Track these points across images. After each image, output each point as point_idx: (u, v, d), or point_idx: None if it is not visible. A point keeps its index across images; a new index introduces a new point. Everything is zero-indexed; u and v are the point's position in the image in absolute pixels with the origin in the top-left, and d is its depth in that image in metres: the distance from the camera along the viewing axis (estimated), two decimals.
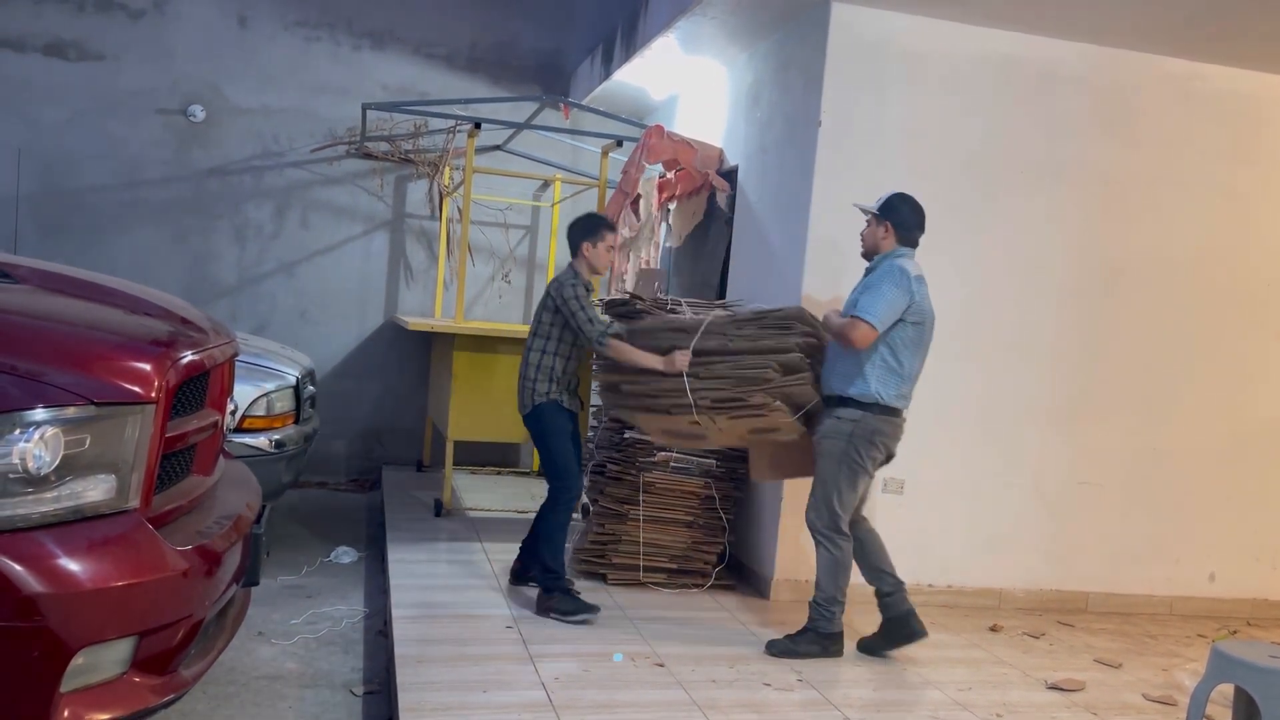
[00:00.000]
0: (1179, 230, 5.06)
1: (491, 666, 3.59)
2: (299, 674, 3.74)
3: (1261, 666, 2.79)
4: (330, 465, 7.21)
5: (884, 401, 3.89)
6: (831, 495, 3.93)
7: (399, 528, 5.48)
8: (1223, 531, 5.24)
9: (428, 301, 7.42)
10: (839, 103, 4.70)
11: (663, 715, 3.31)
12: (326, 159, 7.19)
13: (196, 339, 2.82)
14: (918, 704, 3.64)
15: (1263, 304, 5.22)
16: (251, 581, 2.94)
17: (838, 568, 3.97)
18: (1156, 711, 3.79)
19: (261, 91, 7.04)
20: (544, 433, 4.33)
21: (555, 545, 4.25)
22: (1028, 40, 4.86)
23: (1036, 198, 4.89)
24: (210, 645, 2.71)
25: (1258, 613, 5.30)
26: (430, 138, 7.28)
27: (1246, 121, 5.14)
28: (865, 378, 3.90)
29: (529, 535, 4.47)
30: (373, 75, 7.21)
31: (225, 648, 2.82)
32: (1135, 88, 5.01)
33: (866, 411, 3.90)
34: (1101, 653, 4.41)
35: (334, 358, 7.27)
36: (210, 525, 2.68)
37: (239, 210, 7.08)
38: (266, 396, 4.84)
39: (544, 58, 7.53)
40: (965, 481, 4.93)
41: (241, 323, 6.96)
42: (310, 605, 4.48)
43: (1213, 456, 5.20)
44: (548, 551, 4.23)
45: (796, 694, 3.59)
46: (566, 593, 4.21)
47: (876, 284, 3.91)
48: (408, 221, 7.41)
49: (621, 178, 5.90)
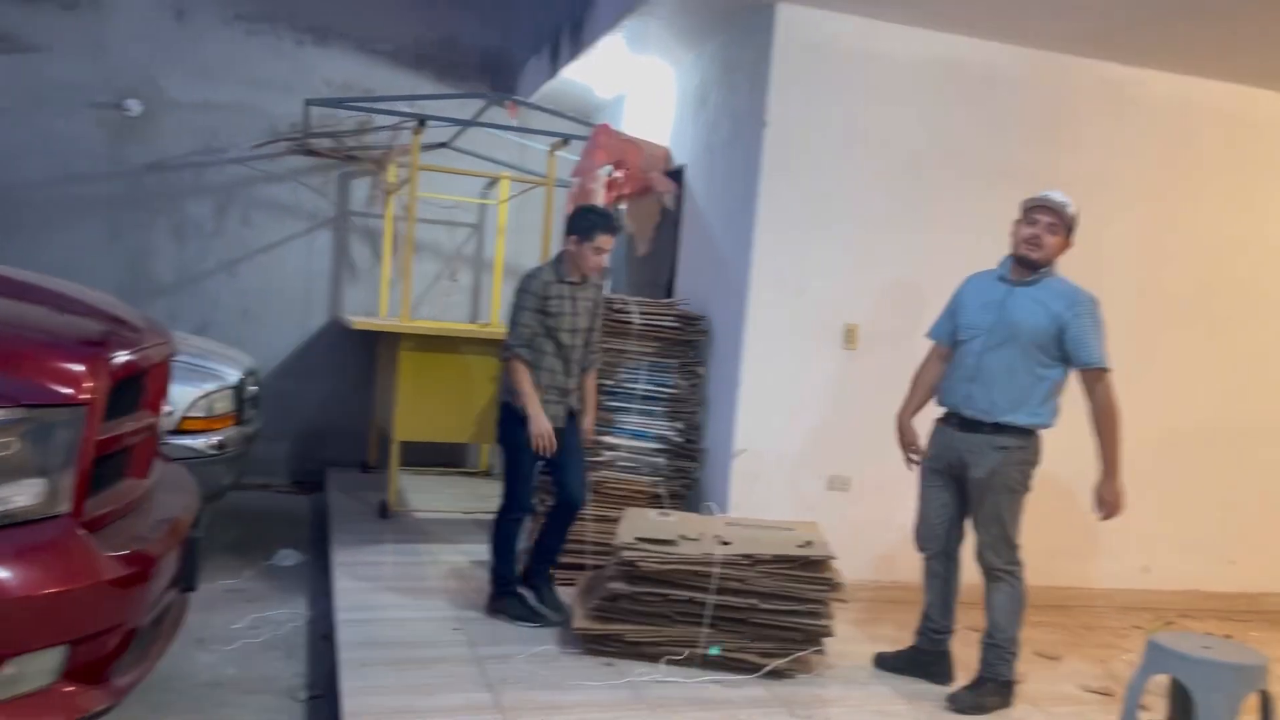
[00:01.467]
0: (1115, 232, 5.17)
1: (438, 669, 3.56)
2: (239, 680, 3.67)
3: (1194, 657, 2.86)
4: (273, 467, 7.08)
5: (1048, 425, 3.70)
6: (1010, 529, 3.68)
7: (343, 530, 5.40)
8: (1157, 525, 5.37)
9: (373, 300, 7.33)
10: (785, 104, 4.73)
11: (612, 715, 3.30)
12: (268, 155, 7.06)
13: (131, 339, 2.75)
14: (862, 696, 3.68)
15: (1194, 305, 5.36)
16: (189, 587, 2.88)
17: (1021, 605, 3.70)
18: (1095, 703, 3.87)
19: (201, 86, 6.90)
20: (500, 438, 4.22)
21: (502, 554, 4.18)
22: (970, 44, 4.93)
23: (978, 199, 4.96)
24: (146, 653, 2.65)
25: (1191, 604, 5.44)
26: (375, 134, 7.19)
27: (1179, 127, 5.27)
28: (1040, 404, 3.64)
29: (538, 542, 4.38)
30: (316, 71, 7.10)
31: (162, 655, 2.76)
32: (1074, 92, 5.11)
33: (1034, 437, 3.69)
34: (1041, 645, 4.49)
35: (277, 357, 7.14)
36: (146, 530, 2.62)
37: (178, 207, 6.93)
38: (207, 397, 4.74)
39: (490, 55, 7.47)
40: (909, 479, 4.98)
41: (181, 322, 6.81)
42: (251, 610, 4.40)
43: (1147, 453, 5.30)
44: (496, 558, 4.18)
45: (744, 691, 3.61)
46: (517, 597, 4.16)
47: (1091, 324, 3.60)
48: (352, 219, 7.31)
49: (576, 187, 5.88)
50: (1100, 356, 3.59)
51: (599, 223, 4.07)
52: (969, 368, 3.73)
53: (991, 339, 3.68)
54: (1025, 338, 3.62)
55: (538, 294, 4.04)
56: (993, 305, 3.72)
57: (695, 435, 5.06)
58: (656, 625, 3.79)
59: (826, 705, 3.59)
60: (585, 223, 4.07)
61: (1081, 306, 3.60)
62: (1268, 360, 5.49)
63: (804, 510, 4.80)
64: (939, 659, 3.92)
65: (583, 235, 4.05)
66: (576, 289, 4.11)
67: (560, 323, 4.07)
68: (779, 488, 4.83)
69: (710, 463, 5.02)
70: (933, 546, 3.90)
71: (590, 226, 4.05)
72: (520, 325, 4.03)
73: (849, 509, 4.88)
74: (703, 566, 3.76)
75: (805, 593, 3.79)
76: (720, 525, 4.13)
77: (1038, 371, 3.62)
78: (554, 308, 4.05)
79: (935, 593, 3.91)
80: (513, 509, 4.17)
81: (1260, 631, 5.16)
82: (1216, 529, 5.48)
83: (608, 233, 4.06)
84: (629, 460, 4.85)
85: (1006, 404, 3.63)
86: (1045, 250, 3.64)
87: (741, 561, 3.79)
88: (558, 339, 4.08)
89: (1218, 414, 5.42)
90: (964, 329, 3.82)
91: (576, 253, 4.07)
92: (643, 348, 4.93)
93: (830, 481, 4.90)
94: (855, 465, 4.92)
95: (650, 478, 4.85)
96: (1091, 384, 3.60)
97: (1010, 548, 3.69)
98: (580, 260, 4.08)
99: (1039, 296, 3.64)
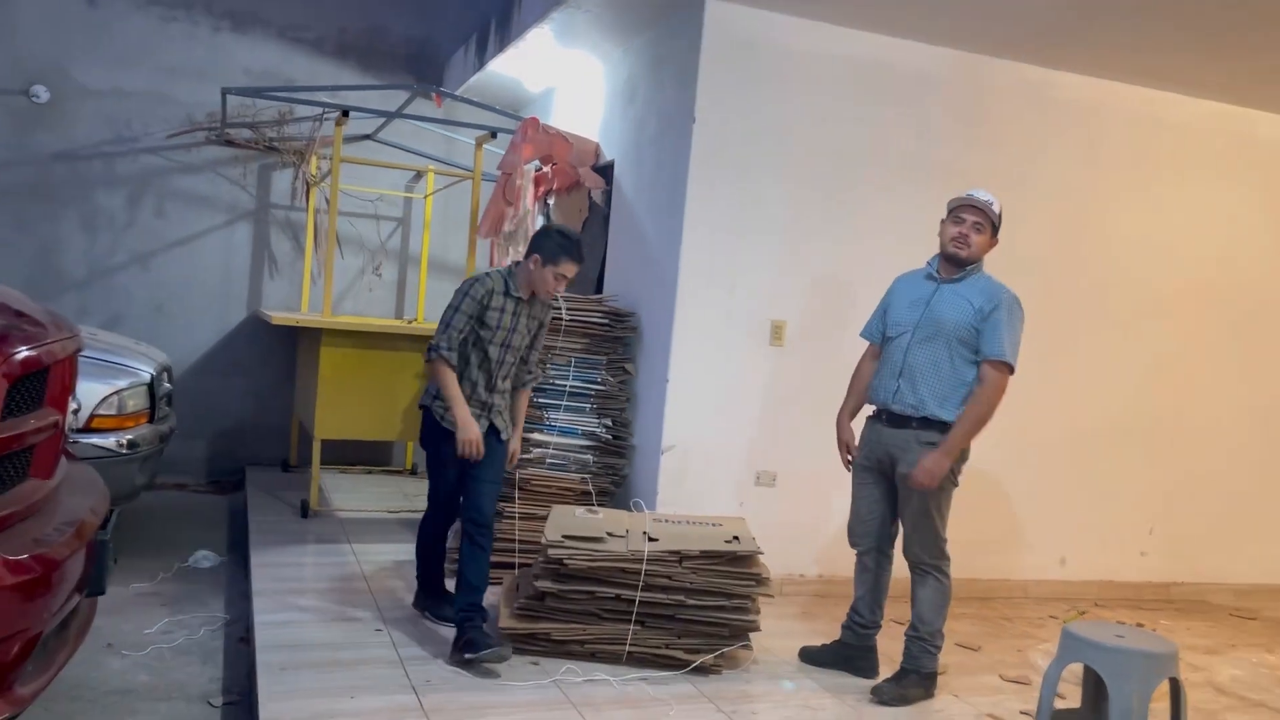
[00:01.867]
0: (1032, 230, 5.28)
1: (360, 671, 3.48)
2: (151, 686, 3.55)
3: (1108, 646, 2.93)
4: (190, 466, 6.88)
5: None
6: (937, 523, 3.71)
7: (263, 530, 5.27)
8: (1072, 518, 5.52)
9: (294, 295, 7.17)
10: (714, 100, 4.74)
11: (539, 715, 3.27)
12: (184, 145, 6.85)
13: (33, 333, 2.63)
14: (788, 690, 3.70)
15: (1106, 302, 5.51)
16: (97, 590, 2.77)
17: (945, 599, 3.76)
18: (1013, 691, 3.96)
19: (113, 73, 6.66)
20: (423, 443, 4.02)
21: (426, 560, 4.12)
22: (895, 44, 5.00)
23: (905, 197, 5.03)
24: (51, 659, 2.54)
25: (1104, 594, 5.60)
26: (296, 125, 7.02)
27: (1093, 128, 5.41)
28: (964, 402, 3.65)
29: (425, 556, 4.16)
30: (234, 59, 6.91)
31: (68, 661, 2.66)
32: (995, 93, 5.22)
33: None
34: (962, 636, 4.57)
35: (194, 354, 6.94)
36: (49, 532, 2.51)
37: (88, 198, 6.68)
38: (118, 394, 4.58)
39: (416, 46, 7.36)
40: (835, 474, 5.03)
41: (92, 317, 6.58)
42: (165, 613, 4.26)
43: (1063, 447, 5.47)
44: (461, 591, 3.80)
45: (670, 688, 3.60)
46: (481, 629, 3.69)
47: (1006, 319, 3.62)
48: (273, 212, 7.13)
49: (505, 181, 5.82)
50: (1004, 350, 3.61)
51: (568, 250, 3.81)
52: (896, 364, 3.79)
53: (918, 335, 3.74)
54: (949, 333, 3.68)
55: (478, 300, 3.79)
56: (920, 302, 3.78)
57: (624, 432, 5.04)
58: (583, 623, 3.77)
59: (753, 700, 3.60)
60: (552, 246, 3.81)
61: (1000, 302, 3.65)
62: (1174, 357, 5.67)
63: (732, 506, 4.83)
64: (865, 653, 3.96)
65: (547, 258, 3.79)
66: (521, 305, 3.87)
67: (494, 335, 3.83)
68: (707, 484, 4.84)
69: (638, 459, 5.01)
70: (864, 543, 3.94)
71: (558, 251, 3.79)
72: (451, 327, 3.77)
73: (776, 504, 4.92)
74: (630, 563, 3.75)
75: (732, 588, 3.80)
76: (648, 521, 4.12)
77: (963, 367, 3.68)
78: (491, 319, 3.81)
79: (865, 588, 3.96)
80: (429, 518, 4.09)
81: (1170, 620, 5.34)
82: (1128, 522, 5.65)
83: (573, 261, 3.82)
84: (557, 457, 4.82)
85: (933, 399, 3.68)
86: (972, 249, 3.71)
87: (669, 558, 3.78)
88: (486, 350, 3.84)
89: (1129, 410, 5.59)
90: (892, 326, 3.88)
91: (536, 273, 3.81)
92: (571, 344, 4.90)
93: (758, 477, 4.93)
94: (782, 461, 4.95)
95: (578, 474, 4.82)
96: (986, 373, 3.64)
97: (938, 543, 3.75)
98: (538, 282, 3.83)
99: (963, 293, 3.71)
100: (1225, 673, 4.29)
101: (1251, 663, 4.33)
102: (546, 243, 3.83)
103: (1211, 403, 5.76)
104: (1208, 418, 5.76)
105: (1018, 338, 3.68)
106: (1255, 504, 5.91)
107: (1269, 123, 5.74)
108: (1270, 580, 5.96)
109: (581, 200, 6.03)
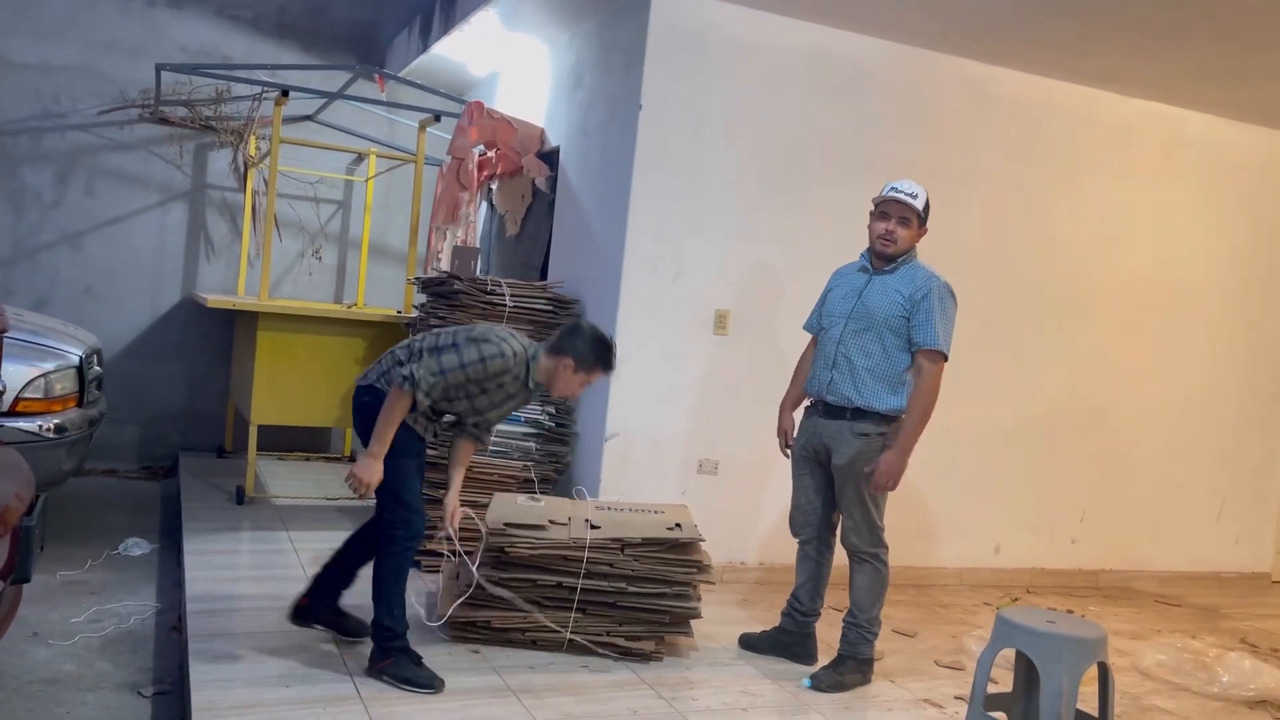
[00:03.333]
0: (973, 223, 5.37)
1: (294, 660, 3.42)
2: (78, 676, 3.45)
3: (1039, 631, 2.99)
4: (121, 452, 6.72)
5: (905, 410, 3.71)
6: (872, 512, 3.73)
7: (197, 517, 5.16)
8: (1006, 507, 5.63)
9: (230, 278, 7.02)
10: (660, 87, 4.73)
11: (477, 702, 3.25)
12: (116, 123, 6.66)
13: None
14: (727, 676, 3.72)
15: (1043, 294, 5.62)
16: (22, 578, 2.69)
17: (883, 587, 3.78)
18: (947, 676, 4.03)
19: (39, 46, 6.44)
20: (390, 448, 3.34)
21: (394, 595, 3.36)
22: (839, 35, 5.03)
23: (848, 188, 5.06)
24: None
25: (1036, 580, 5.73)
26: (234, 104, 6.86)
27: (1031, 124, 5.51)
28: (898, 390, 3.69)
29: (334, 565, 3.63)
30: (169, 35, 6.73)
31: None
32: (936, 87, 5.28)
33: (894, 423, 3.70)
34: (899, 623, 4.64)
35: (125, 336, 6.77)
36: None
37: (13, 175, 6.47)
38: (45, 377, 4.45)
39: (359, 27, 7.23)
40: (776, 463, 5.06)
41: (18, 298, 6.37)
42: (94, 602, 4.16)
43: (998, 438, 5.57)
44: (382, 607, 3.34)
45: (611, 675, 3.61)
46: (407, 653, 3.38)
47: (937, 308, 3.64)
48: (209, 193, 6.97)
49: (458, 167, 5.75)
50: (935, 339, 3.65)
51: (604, 360, 3.44)
52: (829, 355, 3.83)
53: (850, 326, 3.78)
54: (881, 323, 3.72)
55: (491, 376, 3.33)
56: (852, 294, 3.83)
57: (567, 419, 5.02)
58: (524, 611, 3.75)
59: (693, 686, 3.62)
60: (591, 355, 3.40)
61: (931, 291, 3.67)
62: (1107, 350, 5.81)
63: (674, 494, 4.84)
64: (804, 640, 4.00)
65: (582, 365, 3.40)
66: (524, 391, 3.48)
67: (476, 403, 3.43)
68: (650, 471, 4.85)
69: (581, 447, 5.00)
70: (806, 533, 3.97)
71: (595, 361, 3.41)
72: (445, 378, 3.26)
73: (719, 492, 4.94)
74: (572, 551, 3.74)
75: (673, 575, 3.81)
76: (590, 509, 4.11)
77: (894, 357, 3.72)
78: (488, 396, 3.41)
79: (806, 576, 3.99)
80: (406, 525, 3.38)
81: (1099, 606, 5.48)
82: (1060, 511, 5.78)
83: (607, 371, 3.50)
84: (499, 445, 4.78)
85: (865, 390, 3.72)
86: (899, 244, 3.75)
87: (611, 545, 3.78)
88: (458, 411, 3.49)
89: (1062, 401, 5.71)
90: (826, 318, 3.92)
91: (564, 376, 3.40)
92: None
93: (700, 465, 4.94)
94: (725, 449, 4.98)
95: (521, 462, 4.79)
96: (921, 364, 3.68)
97: (874, 531, 3.79)
98: (563, 384, 3.43)
99: (893, 284, 3.75)
100: (1151, 657, 4.41)
101: (1176, 648, 4.46)
102: (585, 350, 3.39)
103: (1142, 395, 5.91)
104: (1138, 409, 5.91)
105: (950, 325, 3.72)
106: (1180, 494, 6.09)
107: (1200, 121, 5.89)
108: (1193, 568, 6.15)
109: (524, 186, 5.99)
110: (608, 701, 3.38)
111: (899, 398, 3.72)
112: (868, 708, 3.64)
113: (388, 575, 3.37)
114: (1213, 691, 4.12)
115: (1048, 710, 2.92)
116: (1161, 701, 4.01)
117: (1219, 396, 6.16)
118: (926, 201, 3.78)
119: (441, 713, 3.14)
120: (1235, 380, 6.20)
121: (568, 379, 3.41)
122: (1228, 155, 6.00)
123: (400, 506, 3.36)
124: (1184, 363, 6.03)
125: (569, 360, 3.38)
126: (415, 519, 3.40)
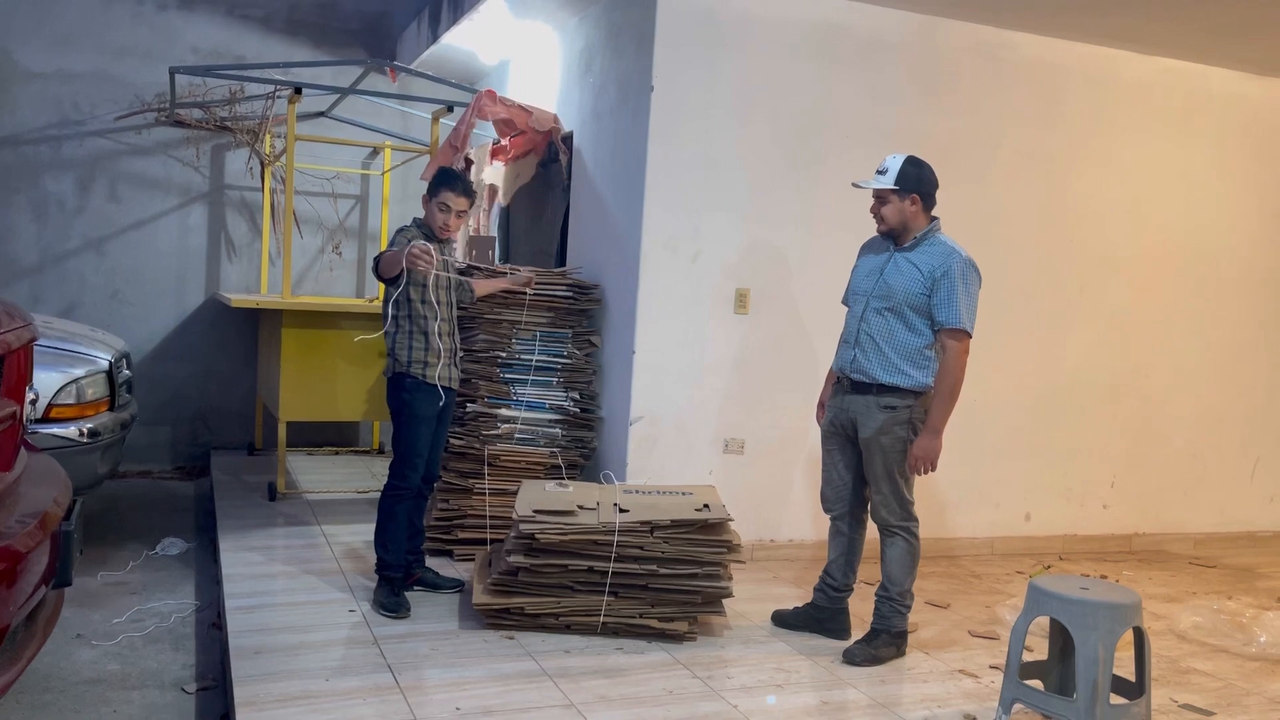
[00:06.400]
0: (992, 190, 5.33)
1: (334, 652, 3.47)
2: (123, 675, 3.52)
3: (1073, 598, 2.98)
4: (154, 453, 6.81)
5: (930, 386, 3.71)
6: (900, 486, 3.74)
7: (230, 515, 5.23)
8: (1036, 474, 5.61)
9: (253, 276, 7.07)
10: (671, 67, 4.71)
11: (513, 687, 3.28)
12: (134, 127, 6.71)
13: None
14: (762, 654, 3.74)
15: (1067, 260, 5.57)
16: (63, 582, 2.74)
17: (914, 559, 3.79)
18: (982, 646, 4.03)
19: (56, 55, 6.50)
20: (392, 409, 4.06)
21: (385, 533, 4.02)
22: (851, 6, 4.98)
23: (865, 162, 5.02)
24: (19, 653, 2.51)
25: (1068, 548, 5.71)
26: (248, 104, 6.89)
27: (1050, 88, 5.44)
28: (920, 366, 3.69)
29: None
30: (182, 37, 6.76)
31: (36, 654, 2.62)
32: (951, 55, 5.22)
33: (920, 397, 3.71)
34: (932, 595, 4.64)
35: (152, 339, 6.84)
36: (11, 525, 2.47)
37: (36, 184, 6.54)
38: (76, 383, 4.51)
39: (369, 20, 7.24)
40: (803, 439, 5.07)
41: (46, 305, 6.46)
42: (135, 602, 4.23)
43: (1026, 405, 5.54)
44: (377, 539, 4.04)
45: (645, 656, 3.63)
46: (390, 583, 4.00)
47: (960, 285, 3.62)
48: (227, 193, 7.02)
49: (451, 133, 5.75)
50: (958, 318, 3.64)
51: (443, 180, 4.05)
52: (852, 332, 3.84)
53: (872, 304, 3.78)
54: (901, 301, 3.71)
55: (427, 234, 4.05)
56: (875, 272, 3.83)
57: (591, 404, 5.04)
58: (557, 596, 3.78)
59: (728, 665, 3.64)
60: (433, 180, 4.09)
61: (951, 267, 3.65)
62: (1135, 313, 5.76)
63: (702, 475, 4.85)
64: (837, 615, 4.01)
65: (430, 193, 4.06)
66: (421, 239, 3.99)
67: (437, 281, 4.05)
68: (676, 453, 4.86)
69: (607, 431, 5.02)
70: (837, 508, 3.97)
71: (435, 183, 4.06)
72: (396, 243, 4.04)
73: (746, 471, 4.95)
74: (602, 536, 3.76)
75: (703, 556, 3.82)
76: (618, 493, 4.13)
77: (918, 333, 3.71)
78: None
79: (839, 551, 3.99)
80: (404, 483, 4.03)
81: (1132, 571, 5.45)
82: (1091, 477, 5.75)
83: (455, 192, 4.02)
84: (525, 432, 4.81)
85: (888, 367, 3.72)
86: (888, 221, 3.76)
87: (640, 528, 3.80)
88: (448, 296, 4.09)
89: (1089, 367, 5.67)
90: (850, 295, 3.93)
91: (426, 209, 4.07)
92: (536, 318, 4.87)
93: (726, 445, 4.95)
94: (751, 428, 4.98)
95: (547, 449, 4.82)
96: (944, 342, 3.67)
97: (903, 504, 3.78)
98: (428, 217, 4.06)
99: (914, 259, 3.73)
100: (1187, 620, 4.39)
101: (1212, 609, 4.43)
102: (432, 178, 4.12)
103: (1170, 358, 5.86)
104: (1166, 371, 5.86)
105: (973, 302, 3.70)
106: (1212, 455, 6.04)
107: (1220, 78, 5.80)
108: (1227, 529, 6.10)
109: (526, 166, 5.95)
110: (643, 683, 3.41)
111: (923, 373, 3.71)
112: (903, 680, 3.65)
113: (381, 515, 4.05)
114: (1250, 652, 4.10)
115: (1084, 677, 2.92)
116: (1199, 664, 3.99)
117: (1249, 355, 6.09)
118: (903, 170, 3.72)
119: (479, 698, 3.17)
120: (1265, 337, 6.13)
121: (430, 212, 4.04)
122: (1250, 110, 5.91)
123: (401, 462, 4.02)
124: (1212, 321, 5.96)
125: (425, 196, 4.08)
126: (412, 475, 4.04)
